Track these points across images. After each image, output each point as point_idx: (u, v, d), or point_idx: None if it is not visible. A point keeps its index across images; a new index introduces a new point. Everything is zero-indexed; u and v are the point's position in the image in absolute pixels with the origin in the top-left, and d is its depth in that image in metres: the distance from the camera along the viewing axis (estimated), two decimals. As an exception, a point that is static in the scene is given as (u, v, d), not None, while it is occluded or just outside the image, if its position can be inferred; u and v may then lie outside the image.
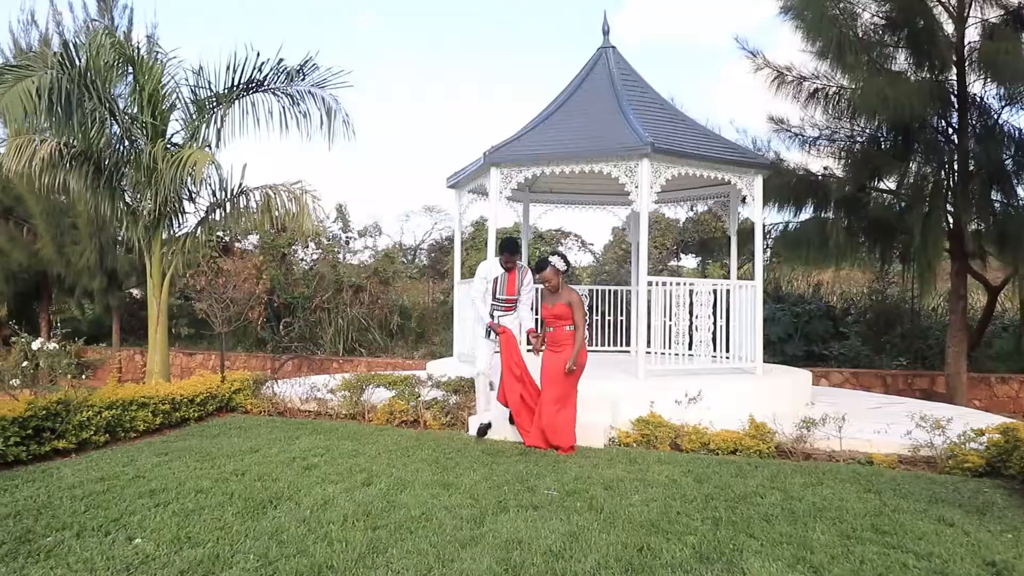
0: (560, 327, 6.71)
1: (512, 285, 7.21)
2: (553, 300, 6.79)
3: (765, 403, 7.71)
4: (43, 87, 7.90)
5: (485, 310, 7.18)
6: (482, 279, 7.21)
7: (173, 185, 8.98)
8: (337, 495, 4.85)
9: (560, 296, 6.75)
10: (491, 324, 7.05)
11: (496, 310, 7.21)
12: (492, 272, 7.21)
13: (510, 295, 7.21)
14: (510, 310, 7.28)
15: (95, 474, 5.41)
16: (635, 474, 5.59)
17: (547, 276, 6.80)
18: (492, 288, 7.17)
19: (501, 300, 7.21)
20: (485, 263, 7.40)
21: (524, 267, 7.37)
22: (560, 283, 6.82)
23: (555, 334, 6.76)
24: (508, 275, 7.21)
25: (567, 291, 6.80)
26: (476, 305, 7.25)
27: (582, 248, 18.83)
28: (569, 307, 6.66)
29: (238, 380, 8.85)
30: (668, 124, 8.84)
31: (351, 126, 10.14)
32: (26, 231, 15.43)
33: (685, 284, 8.58)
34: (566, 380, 6.61)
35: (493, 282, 7.18)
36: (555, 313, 6.71)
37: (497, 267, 7.23)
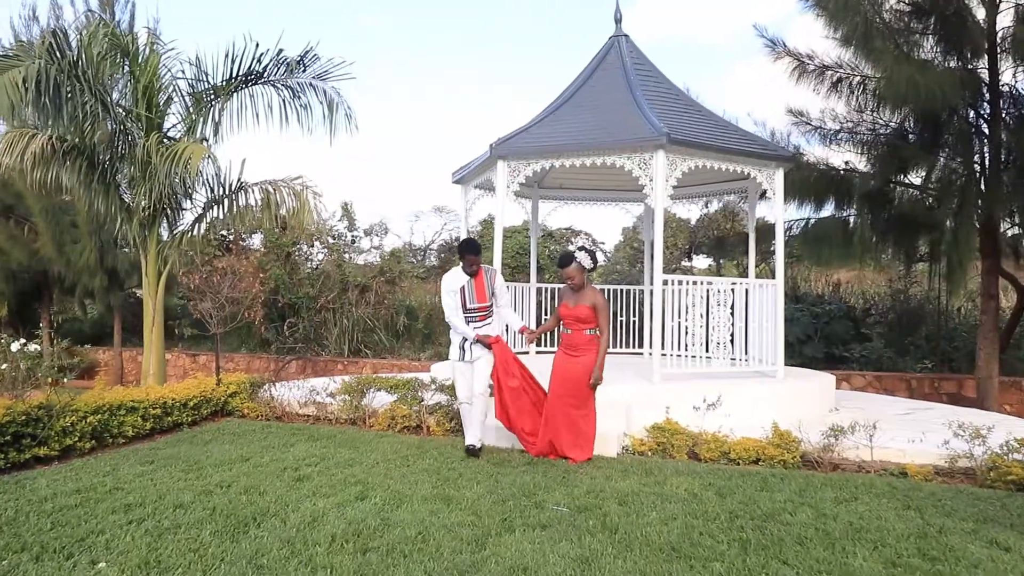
0: (580, 331, 6.16)
1: (481, 290, 6.40)
2: (575, 300, 6.17)
3: (787, 409, 7.31)
4: (30, 77, 7.56)
5: (463, 323, 6.39)
6: (450, 293, 6.41)
7: (168, 180, 8.63)
8: (328, 511, 4.46)
9: (584, 296, 6.14)
10: (478, 336, 6.28)
11: (471, 322, 6.39)
12: (456, 282, 6.40)
13: (481, 302, 6.41)
14: (485, 319, 6.46)
15: (71, 485, 5.05)
16: (651, 487, 5.17)
17: (571, 273, 6.15)
18: (462, 299, 6.35)
19: (473, 310, 6.38)
20: (447, 275, 6.55)
21: (491, 268, 6.63)
22: (585, 282, 6.22)
23: (574, 338, 6.19)
24: (474, 281, 6.40)
25: (592, 291, 6.19)
26: (453, 324, 6.44)
27: (593, 246, 18.39)
28: (593, 310, 6.07)
29: (234, 383, 8.49)
30: (684, 115, 8.42)
31: (353, 120, 9.78)
32: (27, 229, 15.16)
33: (702, 283, 8.15)
34: (587, 388, 6.13)
35: (460, 292, 6.36)
36: (577, 315, 6.11)
37: (460, 275, 6.42)
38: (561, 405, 6.13)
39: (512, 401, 6.20)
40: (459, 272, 6.41)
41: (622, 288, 11.54)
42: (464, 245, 6.42)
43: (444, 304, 6.47)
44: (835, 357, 11.98)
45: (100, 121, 8.83)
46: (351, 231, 17.45)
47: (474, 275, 6.37)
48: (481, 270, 6.41)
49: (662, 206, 7.58)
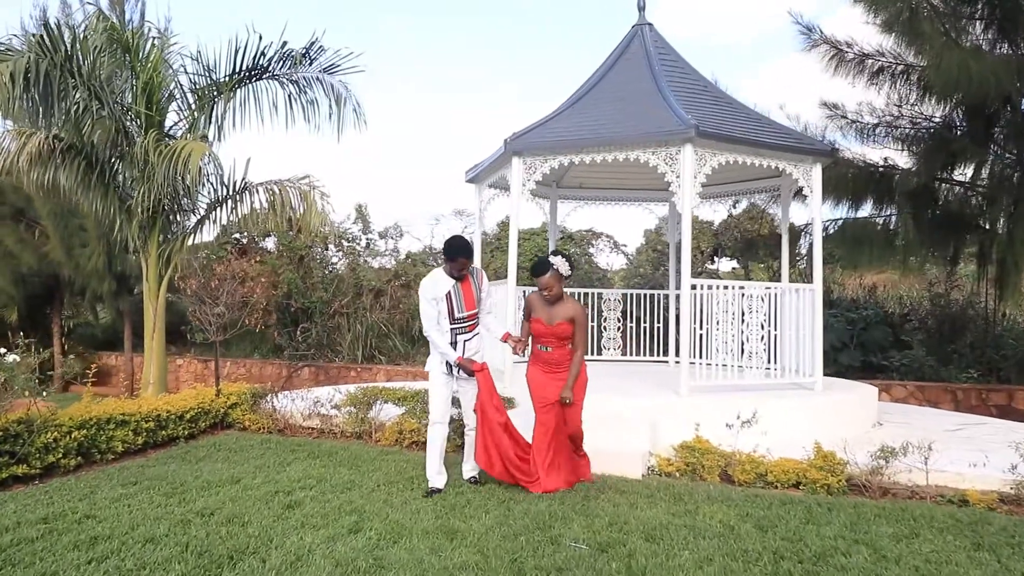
0: (561, 346, 5.34)
1: (470, 296, 5.42)
2: (552, 314, 5.27)
3: (827, 424, 6.71)
4: (18, 71, 7.16)
5: (445, 341, 5.32)
6: (430, 301, 5.32)
7: (167, 180, 8.20)
8: (315, 547, 3.95)
9: (562, 310, 5.27)
10: (460, 361, 5.29)
11: (459, 334, 5.39)
12: (440, 288, 5.34)
13: (471, 309, 5.42)
14: (474, 328, 5.52)
15: (40, 512, 4.59)
16: (682, 518, 4.60)
17: (547, 282, 5.23)
18: (447, 307, 5.33)
19: (462, 319, 5.39)
20: (427, 280, 5.42)
21: (477, 268, 5.64)
22: (563, 292, 5.37)
23: (553, 355, 5.36)
24: (461, 285, 5.39)
25: (571, 303, 5.34)
26: (432, 339, 5.35)
27: (614, 250, 17.76)
28: (571, 324, 5.25)
29: (235, 394, 8.02)
30: (712, 107, 7.83)
31: (362, 115, 9.30)
32: (37, 233, 14.90)
33: (734, 287, 7.55)
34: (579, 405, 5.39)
35: (446, 299, 5.32)
36: (556, 332, 5.26)
37: (444, 279, 5.37)
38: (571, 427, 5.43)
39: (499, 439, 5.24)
40: (443, 276, 5.39)
41: (645, 293, 10.96)
42: (455, 246, 5.30)
43: (423, 315, 5.36)
44: (873, 366, 11.29)
45: (97, 119, 8.42)
46: (366, 234, 17.01)
47: (461, 279, 5.40)
48: (467, 273, 5.46)
49: (690, 205, 7.00)
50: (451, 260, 5.28)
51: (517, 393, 6.95)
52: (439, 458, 5.35)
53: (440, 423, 5.41)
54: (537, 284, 5.30)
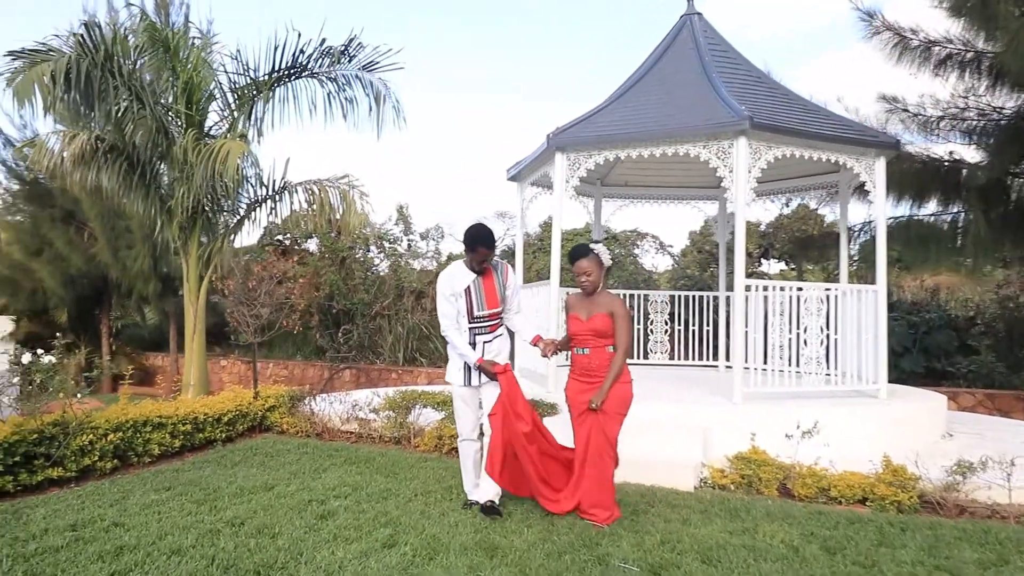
0: (600, 347, 4.64)
1: (492, 293, 4.83)
2: (589, 308, 4.68)
3: (893, 435, 6.28)
4: (59, 71, 7.14)
5: (464, 341, 4.78)
6: (448, 297, 4.78)
7: (205, 180, 8.11)
8: (347, 563, 3.71)
9: (599, 303, 4.66)
10: (481, 362, 4.73)
11: (478, 335, 4.82)
12: (459, 282, 4.80)
13: (493, 307, 4.83)
14: (496, 328, 4.92)
15: (69, 518, 4.45)
16: (740, 537, 4.25)
17: (585, 266, 4.64)
18: (466, 304, 4.77)
19: (482, 318, 4.82)
20: (444, 273, 4.90)
21: (501, 262, 5.01)
22: (601, 284, 4.77)
23: (593, 359, 4.64)
24: (483, 280, 4.84)
25: (608, 296, 4.71)
26: (450, 339, 4.83)
27: (660, 250, 17.31)
28: (611, 319, 4.59)
29: (273, 396, 7.90)
30: (767, 98, 7.43)
31: (401, 112, 9.11)
32: (86, 235, 15.11)
33: (790, 289, 7.14)
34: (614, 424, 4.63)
35: (464, 295, 4.76)
36: (594, 328, 4.61)
37: (464, 272, 4.83)
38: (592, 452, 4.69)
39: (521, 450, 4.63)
40: (462, 269, 4.86)
41: (693, 295, 10.57)
42: (474, 234, 4.73)
43: (440, 313, 4.85)
44: (937, 372, 10.69)
45: (138, 119, 8.39)
46: (407, 235, 16.87)
47: (483, 273, 4.85)
48: (490, 267, 4.90)
49: (744, 201, 6.62)
50: (471, 250, 4.73)
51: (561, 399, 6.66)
52: (473, 472, 4.99)
53: (468, 439, 4.98)
54: (575, 271, 4.73)
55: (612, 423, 4.59)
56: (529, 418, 4.66)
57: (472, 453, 4.98)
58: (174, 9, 12.50)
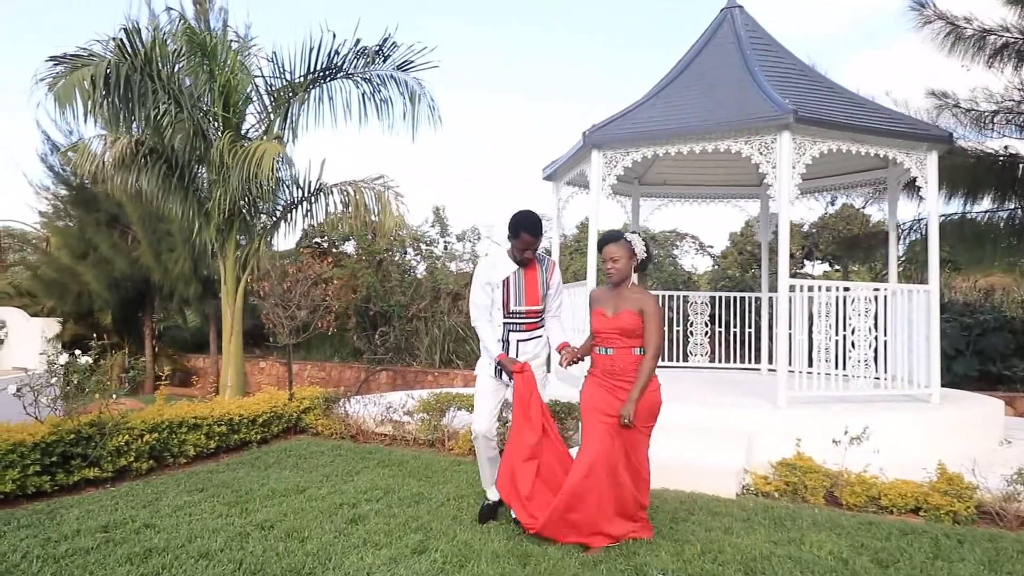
0: (626, 349, 4.08)
1: (533, 288, 4.43)
2: (616, 304, 4.13)
3: (947, 442, 5.99)
4: (98, 75, 7.22)
5: (492, 336, 4.41)
6: (484, 286, 4.42)
7: (241, 182, 8.15)
8: (375, 569, 3.62)
9: (628, 298, 4.11)
10: (501, 358, 4.35)
11: (513, 331, 4.43)
12: (498, 272, 4.41)
13: (532, 304, 4.43)
14: (534, 328, 4.49)
15: (102, 519, 4.44)
16: (785, 547, 4.05)
17: (613, 252, 4.13)
18: (502, 297, 4.38)
19: (519, 313, 4.41)
20: (485, 261, 4.58)
21: (548, 258, 4.62)
22: (631, 277, 4.25)
23: (615, 361, 4.10)
24: (525, 272, 4.44)
25: (639, 292, 4.16)
26: (478, 329, 4.50)
27: (700, 251, 16.97)
28: (640, 317, 4.04)
29: (308, 398, 7.88)
30: (811, 92, 7.19)
31: (437, 112, 9.04)
32: (130, 239, 15.38)
33: (837, 289, 6.87)
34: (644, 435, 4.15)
35: (502, 287, 4.38)
36: (620, 326, 4.06)
37: (506, 262, 4.44)
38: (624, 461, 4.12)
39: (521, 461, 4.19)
40: (504, 259, 4.46)
41: (734, 296, 10.31)
42: (519, 219, 4.32)
43: (472, 302, 4.47)
44: (992, 376, 10.24)
45: (176, 122, 8.47)
46: (443, 236, 16.83)
47: (526, 264, 4.44)
48: (535, 260, 4.49)
49: (788, 198, 6.39)
50: (514, 237, 4.33)
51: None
52: (490, 471, 4.56)
53: (483, 436, 4.47)
54: (602, 258, 4.21)
55: (642, 438, 4.13)
56: (539, 425, 4.20)
57: (488, 450, 4.54)
58: (213, 14, 12.68)
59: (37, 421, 5.52)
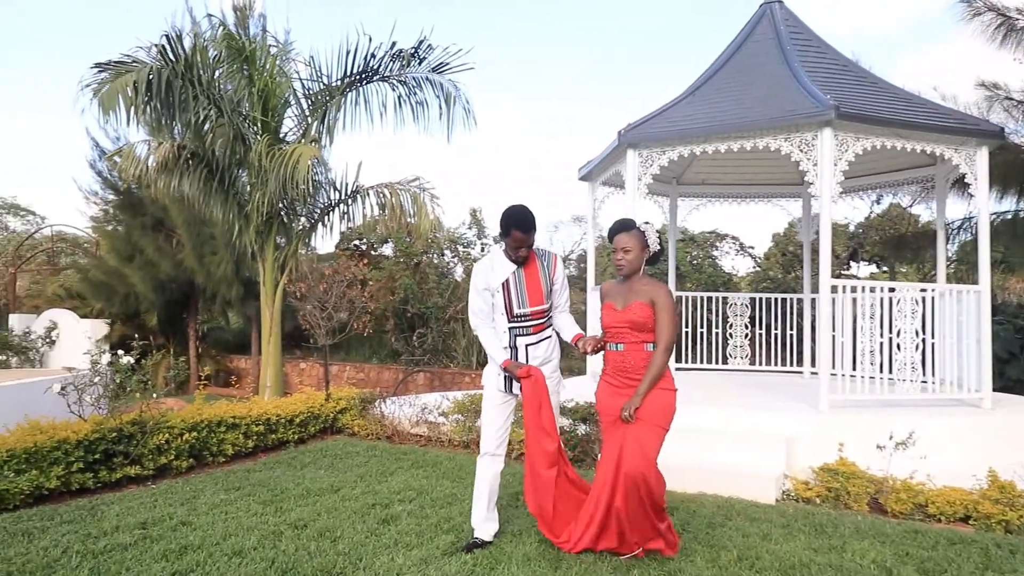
0: (637, 344, 3.79)
1: (536, 287, 4.07)
2: (626, 296, 3.85)
3: (998, 448, 5.76)
4: (140, 80, 7.38)
5: (496, 342, 4.08)
6: (481, 292, 4.09)
7: (279, 184, 8.25)
8: (406, 570, 3.60)
9: (638, 290, 3.81)
10: (507, 364, 4.00)
11: (520, 336, 4.07)
12: (496, 275, 4.07)
13: (537, 304, 4.07)
14: (542, 329, 4.13)
15: (140, 516, 4.51)
16: (825, 555, 3.93)
17: (623, 241, 3.84)
18: (504, 301, 4.04)
19: (524, 316, 4.06)
20: (481, 264, 4.20)
21: (547, 252, 4.24)
22: (643, 266, 3.93)
23: (626, 357, 3.81)
24: (524, 272, 4.08)
25: (651, 283, 3.84)
26: (481, 338, 4.16)
27: (740, 252, 16.71)
28: (652, 308, 3.75)
29: (344, 399, 7.94)
30: (855, 87, 6.99)
31: (472, 113, 9.04)
32: (175, 242, 15.73)
33: (881, 289, 6.67)
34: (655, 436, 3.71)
35: (502, 290, 4.04)
36: (630, 319, 3.77)
37: (504, 263, 4.09)
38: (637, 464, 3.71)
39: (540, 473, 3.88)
40: (501, 259, 4.11)
41: (776, 297, 10.09)
42: (509, 215, 3.98)
43: (471, 309, 4.17)
44: (1048, 380, 9.85)
45: (216, 126, 8.62)
46: (480, 238, 16.86)
47: (524, 263, 4.09)
48: (534, 255, 4.13)
49: (829, 197, 6.22)
50: (505, 235, 4.00)
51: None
52: (487, 500, 4.10)
53: (490, 454, 4.10)
54: (613, 247, 3.93)
55: (650, 436, 3.66)
56: (555, 433, 3.94)
57: (491, 476, 4.10)
58: (252, 20, 12.89)
59: (81, 419, 5.65)
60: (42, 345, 15.14)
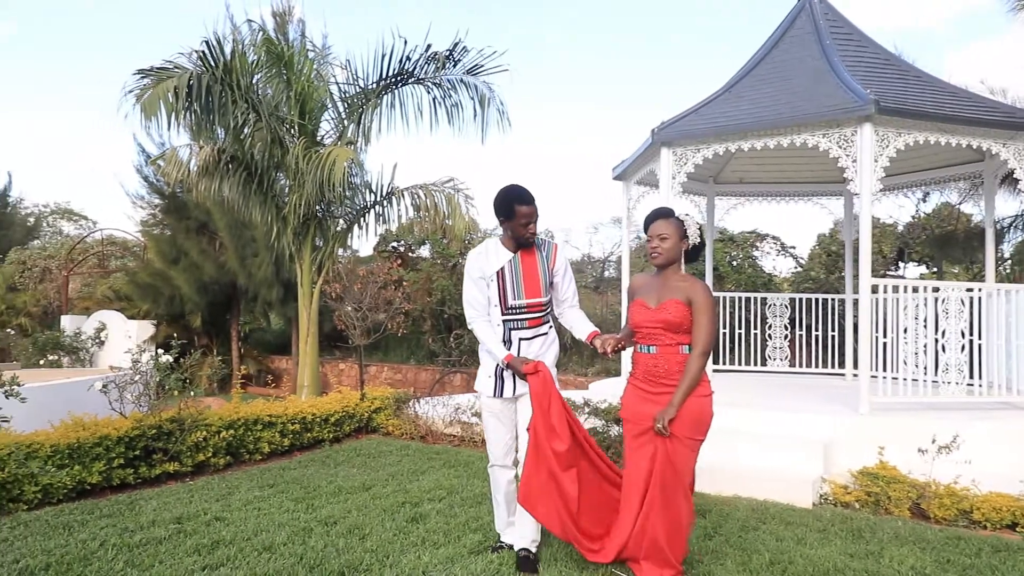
0: (672, 347, 3.41)
1: (533, 277, 3.75)
2: (660, 293, 3.46)
3: (1050, 454, 5.52)
4: (181, 85, 7.55)
5: (495, 337, 3.73)
6: (476, 280, 3.77)
7: (315, 186, 8.36)
8: (431, 568, 3.60)
9: (674, 286, 3.44)
10: (509, 359, 3.65)
11: (515, 329, 3.75)
12: (491, 262, 3.76)
13: (534, 296, 3.74)
14: (538, 323, 3.80)
15: (176, 511, 4.60)
16: (862, 560, 3.82)
17: (662, 230, 3.47)
18: (498, 291, 3.73)
19: (519, 309, 3.74)
20: (475, 252, 3.84)
21: (549, 241, 3.91)
22: (680, 260, 3.55)
23: (658, 361, 3.42)
24: (520, 259, 3.76)
25: (688, 279, 3.47)
26: (476, 333, 3.79)
27: (782, 252, 16.39)
28: (689, 307, 3.37)
29: (378, 398, 8.01)
30: (897, 81, 6.82)
31: (506, 115, 9.05)
32: (218, 245, 16.05)
33: (925, 289, 6.48)
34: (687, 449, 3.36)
35: (497, 279, 3.72)
36: (664, 319, 3.39)
37: (500, 250, 3.79)
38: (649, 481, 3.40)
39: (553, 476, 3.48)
40: (497, 247, 3.81)
41: (817, 297, 9.88)
42: (507, 193, 3.68)
43: (466, 300, 3.82)
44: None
45: (255, 130, 8.77)
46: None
47: (524, 248, 3.78)
48: (533, 243, 3.80)
49: (869, 194, 6.06)
50: (506, 217, 3.67)
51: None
52: (505, 507, 3.95)
53: (499, 465, 3.90)
54: (648, 236, 3.55)
55: (683, 451, 3.34)
56: (566, 432, 3.52)
57: (504, 483, 3.91)
58: (292, 26, 13.09)
59: (122, 416, 5.79)
60: (92, 345, 15.55)
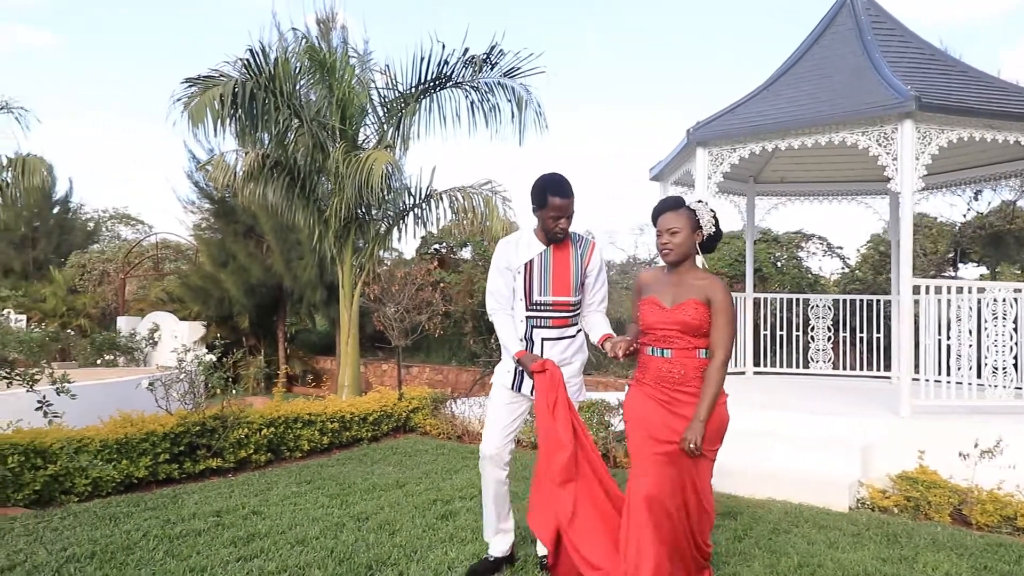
0: (689, 351, 3.13)
1: (564, 273, 3.52)
2: (675, 292, 3.19)
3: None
4: (226, 93, 7.78)
5: (513, 331, 3.52)
6: (502, 271, 3.56)
7: (355, 190, 8.53)
8: (457, 564, 3.67)
9: (691, 284, 3.17)
10: (520, 355, 3.43)
11: (537, 328, 3.52)
12: (521, 253, 3.54)
13: (562, 294, 3.51)
14: (564, 324, 3.55)
15: (216, 505, 4.76)
16: (894, 565, 3.75)
17: (671, 223, 3.19)
18: (524, 284, 3.50)
19: (544, 305, 3.51)
20: (505, 240, 3.65)
21: (586, 239, 3.66)
22: (694, 256, 3.28)
23: (673, 366, 3.13)
24: (552, 254, 3.54)
25: (706, 277, 3.20)
26: (495, 323, 3.60)
27: (828, 253, 16.06)
28: (708, 308, 3.11)
29: (416, 398, 8.13)
30: (940, 77, 6.65)
31: (543, 117, 9.09)
32: (264, 248, 16.44)
33: (970, 290, 6.30)
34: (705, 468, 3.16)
35: (524, 271, 3.50)
36: (682, 320, 3.11)
37: (532, 241, 3.56)
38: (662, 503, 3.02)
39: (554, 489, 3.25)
40: (530, 237, 3.58)
41: (862, 298, 9.69)
42: (544, 183, 3.47)
43: (489, 290, 3.61)
44: None
45: (298, 135, 8.98)
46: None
47: (560, 240, 3.53)
48: (569, 240, 3.57)
49: (911, 191, 5.93)
50: (540, 206, 3.44)
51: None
52: (494, 511, 3.63)
53: (489, 457, 3.57)
54: (656, 231, 3.25)
55: (707, 466, 3.14)
56: (570, 439, 3.23)
57: (494, 484, 3.61)
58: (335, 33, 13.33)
59: (167, 413, 6.00)
60: (146, 345, 16.08)
